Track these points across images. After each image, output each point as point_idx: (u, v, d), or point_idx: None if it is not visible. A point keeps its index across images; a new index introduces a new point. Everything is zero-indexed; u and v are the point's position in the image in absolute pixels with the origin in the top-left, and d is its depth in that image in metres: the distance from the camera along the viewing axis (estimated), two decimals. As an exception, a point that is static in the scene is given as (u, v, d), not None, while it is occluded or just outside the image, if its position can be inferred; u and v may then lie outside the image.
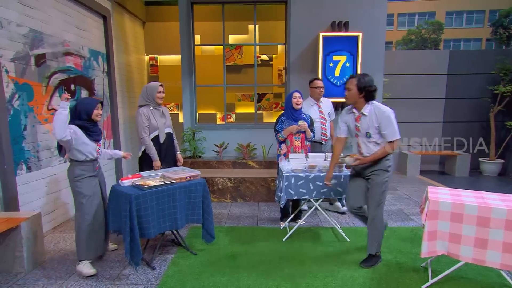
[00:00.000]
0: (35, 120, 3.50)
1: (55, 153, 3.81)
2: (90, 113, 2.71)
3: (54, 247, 3.29)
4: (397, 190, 5.42)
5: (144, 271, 2.79)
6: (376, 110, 2.65)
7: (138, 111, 3.42)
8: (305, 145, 3.64)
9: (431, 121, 7.26)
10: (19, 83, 3.27)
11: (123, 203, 2.67)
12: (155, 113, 3.45)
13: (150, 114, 3.41)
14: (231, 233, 3.61)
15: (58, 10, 3.93)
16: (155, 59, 7.04)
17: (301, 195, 3.24)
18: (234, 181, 4.80)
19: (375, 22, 5.48)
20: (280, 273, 2.72)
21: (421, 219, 2.50)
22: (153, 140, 3.44)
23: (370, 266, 2.81)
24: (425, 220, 2.39)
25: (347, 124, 2.84)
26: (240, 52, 6.41)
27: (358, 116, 2.71)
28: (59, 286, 2.57)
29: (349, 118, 2.81)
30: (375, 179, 2.73)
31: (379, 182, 2.72)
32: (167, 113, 3.62)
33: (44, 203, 3.65)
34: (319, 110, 4.03)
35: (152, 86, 3.44)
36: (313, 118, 3.84)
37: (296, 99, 3.60)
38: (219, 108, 6.42)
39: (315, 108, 4.03)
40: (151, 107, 3.44)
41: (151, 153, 3.38)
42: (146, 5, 6.70)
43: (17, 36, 3.26)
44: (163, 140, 3.48)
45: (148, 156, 3.42)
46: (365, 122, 2.68)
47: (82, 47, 4.40)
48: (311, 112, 3.95)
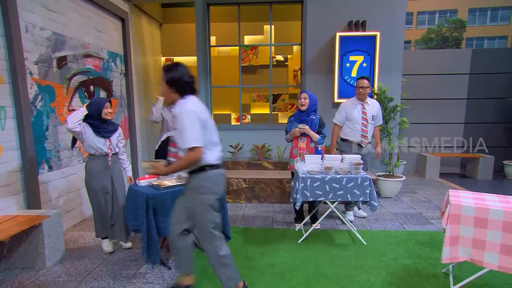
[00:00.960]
0: (57, 120, 3.61)
1: (74, 152, 3.92)
2: (100, 112, 2.95)
3: (73, 244, 3.38)
4: (415, 193, 5.30)
5: (160, 271, 2.83)
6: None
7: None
8: (310, 147, 3.59)
9: (452, 122, 7.06)
10: (42, 85, 3.39)
11: (140, 203, 2.74)
12: (168, 116, 3.51)
13: (169, 115, 3.49)
14: (246, 234, 3.62)
15: (79, 13, 4.05)
16: (171, 60, 7.15)
17: (317, 197, 3.22)
18: (249, 182, 4.81)
19: (394, 21, 5.39)
20: (296, 276, 2.71)
21: (442, 223, 2.43)
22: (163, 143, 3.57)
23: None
24: (446, 224, 2.32)
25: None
26: (255, 52, 6.43)
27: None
28: (78, 283, 2.64)
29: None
30: (189, 199, 2.23)
31: (194, 203, 2.19)
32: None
33: (64, 201, 3.76)
34: (362, 111, 3.88)
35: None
36: (355, 118, 3.81)
37: (301, 100, 3.58)
38: (234, 108, 6.46)
39: (359, 108, 3.89)
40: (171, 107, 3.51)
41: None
42: (163, 7, 6.81)
43: (41, 39, 3.38)
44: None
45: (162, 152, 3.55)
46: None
47: (101, 49, 4.51)
48: (354, 112, 3.87)
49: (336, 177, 3.18)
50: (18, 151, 3.09)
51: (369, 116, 3.89)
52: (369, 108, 3.91)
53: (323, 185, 3.18)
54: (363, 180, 3.18)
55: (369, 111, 3.90)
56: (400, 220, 4.02)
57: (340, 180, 3.17)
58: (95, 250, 3.23)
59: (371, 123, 3.91)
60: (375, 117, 3.97)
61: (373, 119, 3.94)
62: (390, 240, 3.41)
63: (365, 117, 3.87)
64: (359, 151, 3.88)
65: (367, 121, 3.87)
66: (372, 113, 3.92)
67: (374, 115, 3.94)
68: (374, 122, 3.99)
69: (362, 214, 4.11)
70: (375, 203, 3.25)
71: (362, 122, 3.87)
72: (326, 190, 3.19)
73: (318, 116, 3.63)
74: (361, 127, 3.87)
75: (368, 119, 3.88)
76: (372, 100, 4.03)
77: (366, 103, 3.91)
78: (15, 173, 3.07)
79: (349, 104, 3.95)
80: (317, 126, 3.57)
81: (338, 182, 3.18)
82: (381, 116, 4.10)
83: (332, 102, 5.55)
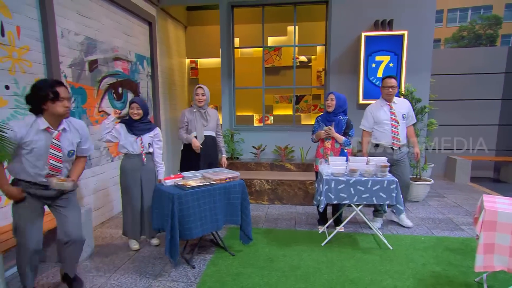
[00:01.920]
0: (88, 121, 3.77)
1: (103, 152, 4.08)
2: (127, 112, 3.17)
3: (102, 241, 3.51)
4: (444, 198, 5.10)
5: (184, 269, 2.88)
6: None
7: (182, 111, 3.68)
8: (335, 148, 3.53)
9: (485, 124, 6.75)
10: (75, 87, 3.56)
11: (165, 202, 2.80)
12: (196, 115, 3.58)
13: (192, 116, 3.56)
14: (268, 235, 3.62)
15: (110, 18, 4.21)
16: (195, 62, 7.28)
17: (342, 200, 3.17)
18: (271, 183, 4.81)
19: (423, 19, 5.23)
20: (319, 279, 2.68)
21: (475, 230, 2.33)
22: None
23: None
24: (480, 231, 2.22)
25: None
26: (278, 54, 6.43)
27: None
28: (107, 278, 2.74)
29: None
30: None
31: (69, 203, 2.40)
32: (214, 117, 3.72)
33: (93, 199, 3.92)
34: (390, 111, 3.65)
35: (194, 90, 3.61)
36: (383, 120, 3.64)
37: (328, 101, 3.55)
38: (257, 110, 6.49)
39: (386, 109, 3.67)
40: (194, 109, 3.60)
41: (185, 140, 3.63)
42: (188, 10, 6.96)
43: (75, 44, 3.55)
44: (201, 142, 3.59)
45: (185, 152, 3.64)
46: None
47: (129, 52, 4.67)
48: (381, 113, 3.68)
49: (362, 179, 3.12)
50: (53, 150, 3.25)
51: (399, 116, 3.64)
52: (397, 108, 3.67)
53: (348, 188, 3.13)
54: (389, 183, 3.10)
55: (398, 110, 3.66)
56: (427, 225, 3.89)
57: (365, 182, 3.11)
58: (122, 247, 3.34)
59: (402, 123, 3.66)
60: (406, 115, 3.72)
61: (404, 118, 3.68)
62: (418, 246, 3.30)
63: (394, 118, 3.63)
64: (393, 155, 3.65)
65: (397, 121, 3.62)
66: (402, 112, 3.67)
67: (404, 114, 3.69)
68: (406, 121, 3.73)
69: (409, 224, 3.81)
70: (401, 207, 3.16)
71: (391, 123, 3.63)
72: (351, 193, 3.14)
73: (346, 117, 3.56)
74: (390, 128, 3.63)
75: (398, 119, 3.63)
76: (399, 99, 3.81)
77: (394, 103, 3.69)
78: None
79: (374, 106, 3.77)
80: (344, 127, 3.51)
81: (363, 184, 3.12)
82: (413, 114, 3.82)
83: (356, 103, 5.45)
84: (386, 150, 3.69)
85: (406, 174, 3.74)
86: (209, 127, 3.66)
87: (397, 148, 3.66)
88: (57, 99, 2.14)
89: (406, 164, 3.77)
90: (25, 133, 2.09)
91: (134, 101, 3.09)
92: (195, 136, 3.58)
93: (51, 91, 2.12)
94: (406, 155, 3.76)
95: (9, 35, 2.75)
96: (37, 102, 2.13)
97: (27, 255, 2.19)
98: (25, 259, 2.20)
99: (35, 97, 2.13)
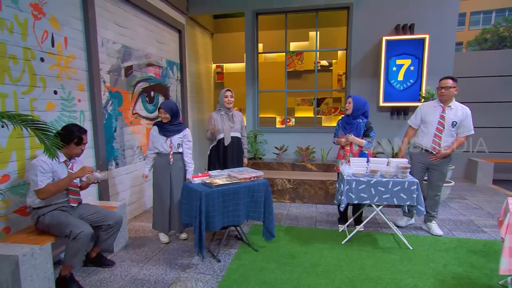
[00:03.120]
0: (123, 123, 3.92)
1: (136, 151, 4.23)
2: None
3: (135, 234, 3.64)
4: (465, 199, 4.90)
5: (211, 262, 2.93)
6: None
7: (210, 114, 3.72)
8: (353, 150, 3.48)
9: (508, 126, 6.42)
10: (112, 91, 3.71)
11: (194, 199, 2.86)
12: (223, 117, 3.63)
13: (218, 117, 3.61)
14: (290, 232, 3.62)
15: (144, 27, 4.37)
16: (221, 67, 7.39)
17: (362, 200, 3.12)
18: (293, 182, 4.80)
19: (445, 22, 5.05)
20: (340, 276, 2.66)
21: (500, 232, 2.23)
22: (218, 142, 3.65)
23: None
24: (506, 234, 2.13)
25: None
26: (300, 58, 6.42)
27: None
28: (140, 268, 2.84)
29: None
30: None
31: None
32: (239, 118, 3.77)
33: (127, 195, 4.07)
34: (440, 114, 3.34)
35: (221, 92, 3.67)
36: (430, 120, 3.39)
37: (346, 104, 3.52)
38: (279, 112, 6.51)
39: (438, 111, 3.37)
40: (221, 111, 3.64)
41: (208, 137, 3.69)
42: (215, 18, 7.08)
43: (113, 52, 3.71)
44: (228, 143, 3.64)
45: (213, 152, 3.68)
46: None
47: (161, 58, 4.81)
48: (431, 114, 3.39)
49: (382, 180, 3.06)
50: (93, 150, 3.41)
51: (448, 122, 3.30)
52: (451, 113, 3.31)
53: (368, 188, 3.08)
54: (410, 184, 3.02)
55: (449, 115, 3.31)
56: (448, 227, 3.75)
57: (386, 183, 3.05)
58: (153, 240, 3.44)
59: (448, 130, 3.32)
60: (458, 124, 3.31)
61: (454, 126, 3.31)
62: (438, 247, 3.20)
63: (441, 121, 3.33)
64: (428, 159, 3.46)
65: (443, 126, 3.32)
66: (453, 119, 3.30)
67: (456, 122, 3.30)
68: (459, 130, 3.34)
69: (439, 232, 3.50)
70: (422, 208, 3.07)
71: (437, 126, 3.34)
72: (371, 193, 3.08)
73: (365, 120, 3.46)
74: (434, 131, 3.36)
75: (445, 124, 3.32)
76: (458, 104, 3.36)
77: (449, 107, 3.34)
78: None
79: (427, 105, 3.48)
80: (363, 130, 3.44)
81: (384, 185, 3.06)
82: (469, 125, 3.32)
83: (377, 105, 5.35)
84: (423, 152, 3.49)
85: (438, 180, 3.49)
86: (235, 129, 3.70)
87: (436, 153, 3.40)
88: (80, 143, 2.55)
89: (443, 171, 3.48)
90: (53, 164, 2.44)
91: (161, 107, 3.19)
92: (222, 137, 3.63)
93: (78, 136, 2.52)
94: (447, 162, 3.48)
95: (57, 45, 2.92)
96: (64, 141, 2.46)
97: (87, 239, 2.44)
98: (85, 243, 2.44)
99: (64, 137, 2.47)
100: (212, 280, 2.62)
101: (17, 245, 2.24)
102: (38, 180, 2.34)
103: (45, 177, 2.38)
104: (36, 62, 2.71)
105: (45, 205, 2.47)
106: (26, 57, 2.62)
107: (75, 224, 2.42)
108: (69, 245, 2.40)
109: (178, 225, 3.31)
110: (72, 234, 2.36)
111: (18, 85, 2.55)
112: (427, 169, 3.54)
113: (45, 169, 2.37)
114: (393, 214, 4.22)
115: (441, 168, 3.47)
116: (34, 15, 2.68)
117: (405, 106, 5.24)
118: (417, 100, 5.06)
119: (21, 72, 2.57)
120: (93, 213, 2.71)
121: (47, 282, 2.28)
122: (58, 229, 2.42)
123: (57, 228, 2.42)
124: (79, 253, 2.43)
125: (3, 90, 2.43)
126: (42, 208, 2.46)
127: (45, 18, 2.79)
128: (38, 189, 2.36)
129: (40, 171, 2.35)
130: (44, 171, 2.37)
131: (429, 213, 3.58)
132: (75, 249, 2.39)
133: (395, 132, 5.34)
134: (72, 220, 2.46)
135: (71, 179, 2.51)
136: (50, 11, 2.84)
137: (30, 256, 2.16)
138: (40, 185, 2.35)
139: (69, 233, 2.37)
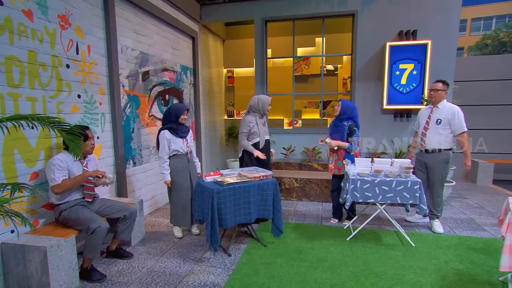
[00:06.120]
0: (140, 124, 3.99)
1: (152, 151, 4.29)
2: (178, 116, 3.20)
3: (151, 229, 3.69)
4: (466, 199, 4.83)
5: (222, 257, 2.96)
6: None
7: (245, 117, 3.62)
8: (339, 151, 3.59)
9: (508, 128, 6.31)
10: (130, 95, 3.78)
11: (206, 197, 2.90)
12: (259, 122, 3.59)
13: (255, 122, 3.56)
14: (297, 229, 3.63)
15: (160, 35, 4.43)
16: (232, 71, 7.42)
17: (367, 199, 3.12)
18: (300, 181, 4.81)
19: (447, 29, 5.00)
20: (345, 271, 2.66)
21: (501, 231, 2.21)
22: (254, 145, 3.57)
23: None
24: (506, 232, 2.11)
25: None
26: (307, 63, 6.42)
27: None
28: (156, 260, 2.89)
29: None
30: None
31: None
32: (267, 122, 3.81)
33: (144, 192, 4.13)
34: (428, 115, 3.46)
35: (264, 100, 3.59)
36: (421, 121, 3.51)
37: (335, 106, 3.64)
38: (287, 114, 6.51)
39: (426, 112, 3.50)
40: (257, 116, 3.61)
41: (249, 149, 3.53)
42: (226, 25, 7.12)
43: (131, 58, 3.78)
44: (262, 146, 3.61)
45: (246, 155, 3.59)
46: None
47: (175, 63, 4.88)
48: (423, 115, 3.53)
49: (386, 179, 3.05)
50: (112, 149, 3.48)
51: (433, 120, 3.40)
52: (438, 112, 3.39)
53: (372, 187, 3.08)
54: (413, 184, 3.01)
55: (435, 114, 3.40)
56: (449, 225, 3.71)
57: (389, 183, 3.04)
58: (168, 235, 3.49)
59: (433, 127, 3.38)
60: (443, 121, 3.34)
61: (438, 123, 3.35)
62: (440, 244, 3.17)
63: (428, 120, 3.43)
64: (423, 157, 3.52)
65: (428, 124, 3.42)
66: (437, 117, 3.37)
67: (440, 119, 3.35)
68: (452, 129, 3.34)
69: (439, 230, 3.48)
70: (424, 207, 3.05)
71: (424, 125, 3.46)
72: (375, 192, 3.08)
73: (349, 122, 3.51)
74: (421, 130, 3.50)
75: (430, 123, 3.41)
76: (447, 104, 3.39)
77: (437, 108, 3.40)
78: (109, 167, 3.46)
79: (423, 109, 3.62)
80: (346, 133, 3.52)
81: (387, 184, 3.05)
82: (459, 122, 3.29)
83: (381, 108, 5.31)
84: (421, 152, 3.57)
85: (434, 180, 3.46)
86: (267, 132, 3.71)
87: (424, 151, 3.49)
88: (86, 139, 2.60)
89: (438, 171, 3.43)
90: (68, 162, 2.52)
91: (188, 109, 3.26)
92: (258, 141, 3.56)
93: (83, 133, 2.53)
94: (441, 162, 3.41)
95: (81, 52, 3.00)
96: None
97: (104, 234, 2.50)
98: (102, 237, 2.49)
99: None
100: (223, 273, 2.65)
101: (45, 237, 2.31)
102: (55, 176, 2.42)
103: (61, 173, 2.45)
104: (63, 68, 2.79)
105: (64, 202, 2.55)
106: (54, 64, 2.69)
107: (92, 219, 2.48)
108: (87, 239, 2.47)
109: (192, 221, 3.35)
110: (90, 229, 2.42)
111: (46, 90, 2.63)
112: (427, 168, 3.54)
113: (61, 167, 2.46)
114: (397, 212, 4.19)
115: (435, 168, 3.44)
116: (61, 25, 2.76)
117: (408, 108, 5.20)
118: (419, 103, 5.02)
119: (49, 78, 2.65)
120: (109, 206, 2.79)
121: (71, 271, 2.35)
122: (77, 224, 2.49)
123: (76, 223, 2.49)
124: (97, 246, 2.48)
125: (33, 94, 2.52)
126: (63, 204, 2.54)
127: (70, 28, 2.87)
128: (54, 184, 2.43)
129: (57, 168, 2.43)
130: (61, 168, 2.45)
131: (432, 212, 3.55)
132: (93, 243, 2.45)
133: (398, 134, 5.31)
134: (89, 215, 2.52)
135: (84, 176, 2.57)
136: (76, 21, 2.92)
137: (56, 247, 2.23)
138: (57, 180, 2.42)
139: (87, 228, 2.43)
